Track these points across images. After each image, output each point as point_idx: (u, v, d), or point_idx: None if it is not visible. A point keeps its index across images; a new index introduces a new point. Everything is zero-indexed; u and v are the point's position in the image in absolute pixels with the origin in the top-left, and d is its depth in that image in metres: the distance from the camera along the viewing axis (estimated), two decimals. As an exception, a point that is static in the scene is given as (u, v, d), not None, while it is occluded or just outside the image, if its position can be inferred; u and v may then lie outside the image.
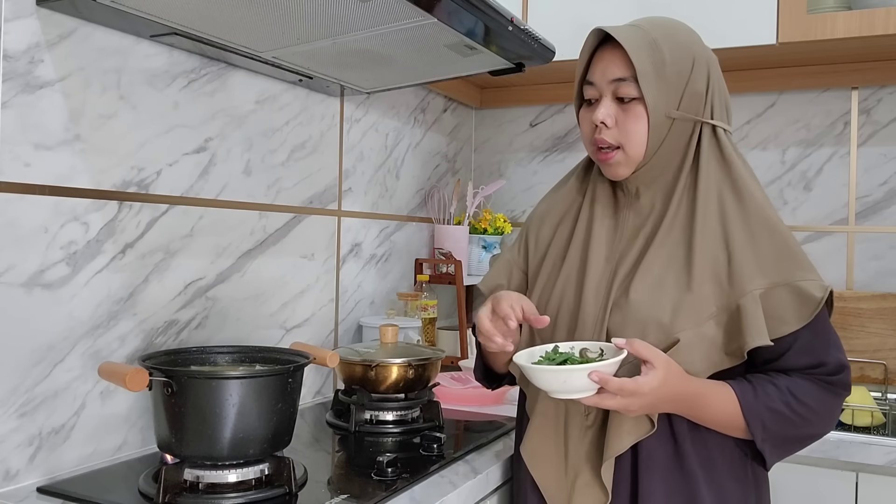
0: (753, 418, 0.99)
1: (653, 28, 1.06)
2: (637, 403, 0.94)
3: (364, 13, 1.10)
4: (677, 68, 1.04)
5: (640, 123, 1.04)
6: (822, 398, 1.01)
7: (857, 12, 1.64)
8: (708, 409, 1.00)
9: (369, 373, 1.39)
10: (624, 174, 1.08)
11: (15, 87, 1.03)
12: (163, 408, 1.01)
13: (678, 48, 1.05)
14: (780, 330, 0.98)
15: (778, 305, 0.98)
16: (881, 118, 1.92)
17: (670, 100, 1.04)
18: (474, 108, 2.39)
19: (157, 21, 1.12)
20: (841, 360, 1.02)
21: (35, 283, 1.06)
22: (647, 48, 1.03)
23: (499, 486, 1.24)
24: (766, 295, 0.98)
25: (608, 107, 1.06)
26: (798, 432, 1.02)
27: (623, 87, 1.04)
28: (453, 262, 1.97)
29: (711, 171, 1.06)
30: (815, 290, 0.98)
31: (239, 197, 1.42)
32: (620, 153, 1.06)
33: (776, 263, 1.00)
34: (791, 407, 0.99)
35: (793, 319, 0.98)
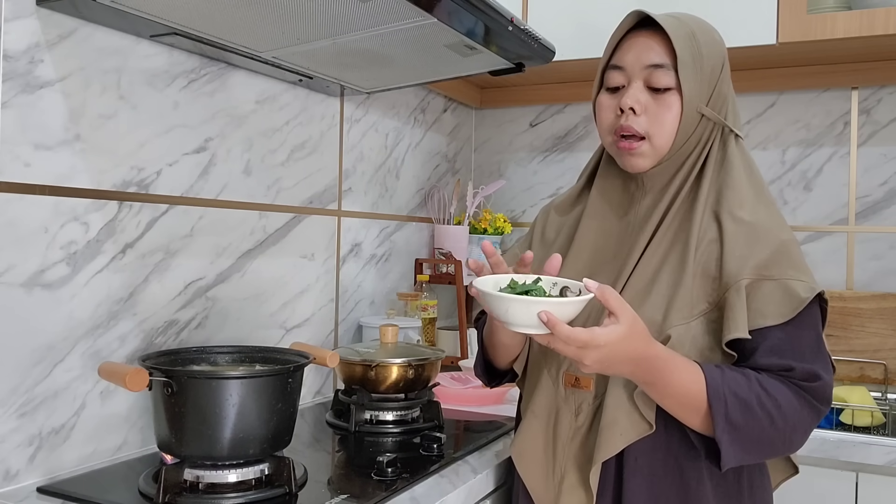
0: (717, 400, 0.92)
1: (690, 21, 1.03)
2: (592, 356, 0.87)
3: (364, 13, 1.10)
4: (711, 64, 1.02)
5: (671, 114, 1.01)
6: (792, 401, 0.94)
7: (857, 12, 1.65)
8: (669, 379, 0.93)
9: (369, 373, 1.39)
10: (645, 167, 1.04)
11: (15, 87, 1.03)
12: (163, 408, 1.01)
13: (713, 45, 1.03)
14: (756, 322, 0.94)
15: (761, 298, 0.95)
16: (881, 118, 1.92)
17: (703, 95, 1.02)
18: (474, 108, 2.39)
19: (157, 21, 1.12)
20: (814, 370, 0.95)
21: (35, 283, 1.06)
22: (687, 38, 1.00)
23: (499, 486, 1.24)
24: (751, 286, 0.95)
25: (640, 92, 1.01)
26: (763, 432, 0.94)
27: (659, 74, 1.00)
28: (453, 262, 1.97)
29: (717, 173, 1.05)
30: (802, 289, 0.95)
31: (239, 197, 1.42)
32: (646, 144, 1.02)
33: (769, 260, 0.97)
34: (760, 399, 0.93)
35: (772, 315, 0.94)
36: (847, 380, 1.83)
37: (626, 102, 1.01)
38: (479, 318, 1.22)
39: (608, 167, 1.13)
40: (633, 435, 0.98)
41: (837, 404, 1.57)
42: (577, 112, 2.26)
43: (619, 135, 1.03)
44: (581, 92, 2.21)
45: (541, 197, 2.31)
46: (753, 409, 0.93)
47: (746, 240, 0.98)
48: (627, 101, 1.01)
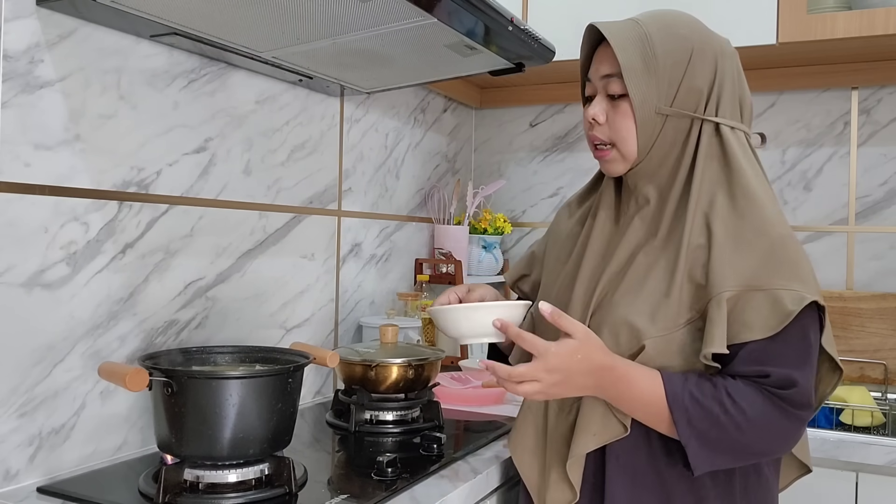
0: (677, 408, 0.93)
1: (650, 21, 1.04)
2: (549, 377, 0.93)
3: (364, 13, 1.10)
4: (671, 61, 1.01)
5: (627, 120, 1.03)
6: (763, 409, 0.93)
7: (857, 12, 1.65)
8: (630, 390, 0.94)
9: (369, 373, 1.39)
10: (619, 171, 1.07)
11: (15, 87, 1.03)
12: (163, 408, 1.01)
13: (673, 40, 1.02)
14: (743, 336, 0.93)
15: (748, 310, 0.93)
16: (881, 118, 1.92)
17: (662, 95, 1.02)
18: (474, 108, 2.39)
19: (157, 21, 1.12)
20: (791, 376, 0.93)
21: (35, 283, 1.06)
22: (636, 42, 1.01)
23: (499, 486, 1.24)
24: (736, 298, 0.93)
25: (600, 104, 1.06)
26: (731, 438, 0.93)
27: (612, 83, 1.04)
28: (453, 262, 1.97)
29: (709, 170, 1.02)
30: (789, 301, 0.92)
31: (239, 197, 1.42)
32: (615, 151, 1.06)
33: (756, 268, 0.94)
34: (723, 406, 0.92)
35: (759, 328, 0.92)
36: (847, 380, 1.83)
37: (589, 114, 1.06)
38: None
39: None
40: (607, 436, 0.99)
41: (837, 404, 1.57)
42: (577, 112, 2.26)
43: (593, 144, 1.09)
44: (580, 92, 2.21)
45: (541, 197, 2.31)
46: (716, 416, 0.93)
47: (735, 245, 0.96)
48: (590, 113, 1.06)
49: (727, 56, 1.05)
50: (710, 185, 1.02)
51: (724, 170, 1.02)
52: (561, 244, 1.18)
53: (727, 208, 0.99)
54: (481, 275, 2.16)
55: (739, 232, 0.97)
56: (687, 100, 1.03)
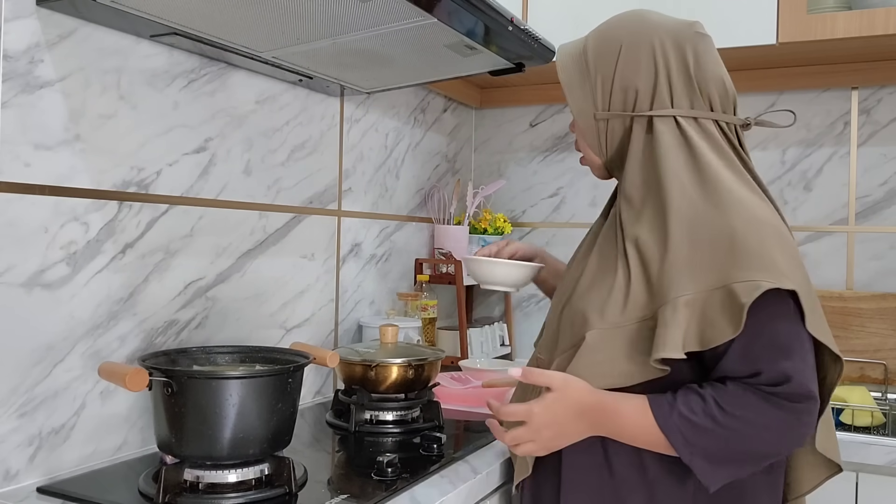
0: (671, 431, 0.92)
1: (594, 31, 1.09)
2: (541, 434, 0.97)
3: (364, 13, 1.10)
4: (600, 63, 1.05)
5: (579, 131, 1.12)
6: (760, 409, 0.90)
7: (857, 12, 1.65)
8: (623, 422, 0.94)
9: (369, 373, 1.39)
10: (600, 176, 1.16)
11: (15, 87, 1.03)
12: (163, 408, 1.01)
13: (603, 43, 1.06)
14: (711, 337, 0.90)
15: (711, 311, 0.90)
16: (881, 118, 1.92)
17: (598, 101, 1.07)
18: (474, 108, 2.39)
19: (157, 21, 1.12)
20: (785, 369, 0.90)
21: (35, 283, 1.06)
22: (576, 57, 1.08)
23: (499, 487, 1.24)
24: (696, 301, 0.91)
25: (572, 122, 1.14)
26: (733, 447, 0.91)
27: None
28: (453, 262, 1.97)
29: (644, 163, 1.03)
30: (743, 293, 0.88)
31: (239, 197, 1.42)
32: (585, 160, 1.16)
33: (711, 264, 0.91)
34: (715, 419, 0.90)
35: (725, 328, 0.89)
36: (847, 380, 1.83)
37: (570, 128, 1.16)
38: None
39: None
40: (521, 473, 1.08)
41: (837, 404, 1.57)
42: (577, 112, 2.26)
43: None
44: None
45: (541, 197, 2.31)
46: (711, 431, 0.91)
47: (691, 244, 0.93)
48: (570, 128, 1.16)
49: (679, 41, 1.02)
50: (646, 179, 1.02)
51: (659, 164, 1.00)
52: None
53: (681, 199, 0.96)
54: (481, 275, 2.16)
55: (693, 225, 0.94)
56: (623, 99, 1.05)
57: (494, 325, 2.16)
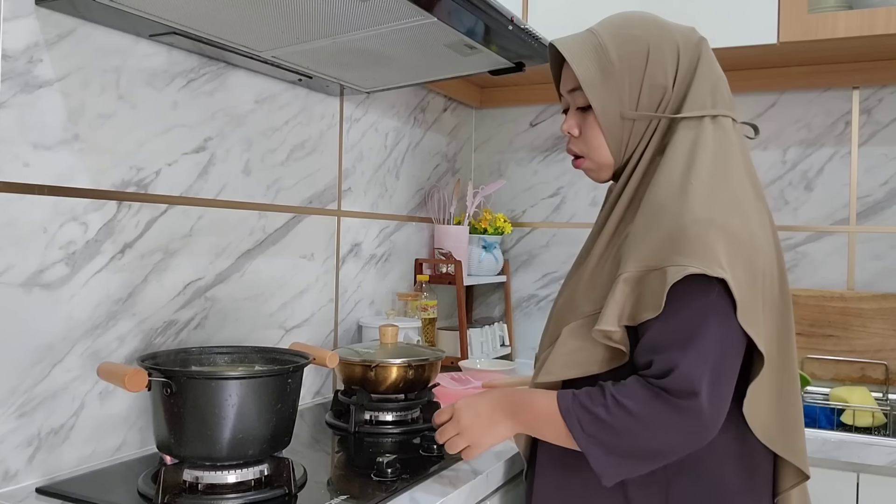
0: (570, 418, 0.94)
1: (605, 28, 1.05)
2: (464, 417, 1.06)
3: (364, 13, 1.10)
4: (629, 65, 1.02)
5: (595, 130, 1.05)
6: (646, 403, 0.90)
7: (857, 12, 1.64)
8: (534, 413, 0.99)
9: (369, 373, 1.39)
10: (603, 178, 1.11)
11: (14, 87, 1.02)
12: (162, 408, 1.01)
13: (628, 43, 1.03)
14: (638, 315, 0.92)
15: (644, 290, 0.92)
16: (882, 118, 1.92)
17: (624, 100, 1.03)
18: (474, 108, 2.38)
19: (156, 20, 1.11)
20: (673, 360, 0.89)
21: (34, 283, 1.06)
22: (592, 52, 1.03)
23: (499, 487, 1.23)
24: (633, 278, 0.93)
25: (572, 117, 1.08)
26: (625, 442, 0.91)
27: (577, 96, 1.06)
28: (453, 262, 1.97)
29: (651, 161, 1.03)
30: (670, 275, 0.88)
31: (238, 197, 1.42)
32: (588, 161, 1.09)
33: (659, 248, 0.92)
34: (609, 410, 0.91)
35: (650, 305, 0.90)
36: (848, 380, 1.83)
37: (563, 128, 1.10)
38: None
39: None
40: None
41: (838, 405, 1.57)
42: (578, 112, 2.26)
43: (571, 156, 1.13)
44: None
45: (541, 197, 2.31)
46: (603, 420, 0.91)
47: (646, 230, 0.95)
48: (564, 127, 1.10)
49: (691, 46, 1.04)
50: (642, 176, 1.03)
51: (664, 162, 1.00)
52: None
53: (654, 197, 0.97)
54: (481, 275, 2.15)
55: (655, 217, 0.95)
56: (651, 99, 1.03)
57: (494, 325, 2.16)
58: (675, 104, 1.03)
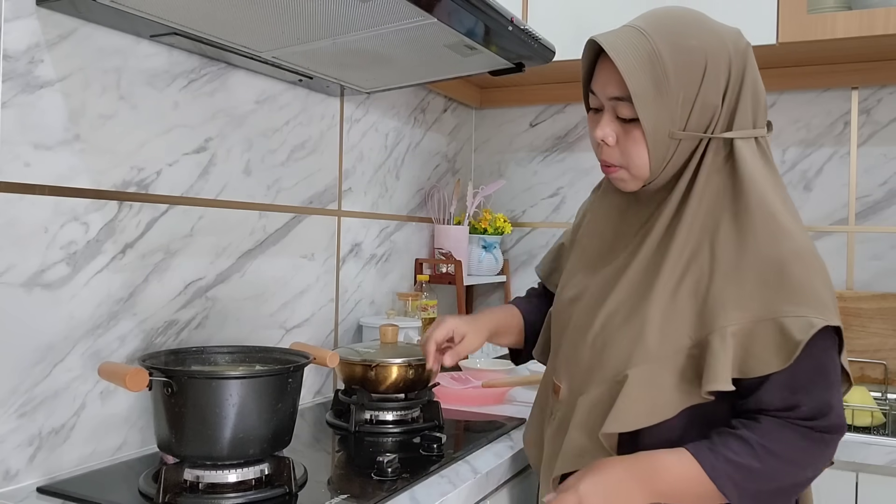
0: (720, 478, 0.90)
1: (658, 32, 0.95)
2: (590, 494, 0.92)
3: (364, 13, 1.10)
4: (684, 80, 0.94)
5: (639, 146, 0.97)
6: (799, 446, 0.90)
7: (857, 12, 1.64)
8: (670, 476, 0.91)
9: (369, 373, 1.39)
10: (633, 188, 1.04)
11: (15, 87, 1.03)
12: (163, 408, 1.01)
13: (686, 55, 0.94)
14: (755, 369, 0.89)
15: (756, 342, 0.89)
16: (881, 118, 1.92)
17: (675, 118, 0.95)
18: (474, 108, 2.39)
19: (157, 21, 1.12)
20: (826, 400, 0.90)
21: (35, 283, 1.06)
22: (646, 62, 0.94)
23: (499, 487, 1.24)
24: (743, 331, 0.89)
25: (609, 125, 0.99)
26: (776, 484, 0.91)
27: (621, 106, 0.97)
28: (453, 262, 1.97)
29: (711, 186, 0.98)
30: (797, 329, 0.87)
31: (239, 197, 1.42)
32: (624, 171, 1.01)
33: (762, 294, 0.90)
34: (760, 459, 0.90)
35: (771, 360, 0.88)
36: (847, 380, 1.83)
37: (598, 135, 1.00)
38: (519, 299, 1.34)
39: None
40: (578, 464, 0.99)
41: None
42: (577, 112, 2.26)
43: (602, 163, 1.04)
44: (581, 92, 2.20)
45: (541, 197, 2.31)
46: (758, 471, 0.90)
47: (738, 272, 0.91)
48: (598, 134, 1.00)
49: (740, 54, 0.98)
50: (714, 202, 0.97)
51: (731, 185, 0.97)
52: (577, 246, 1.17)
53: (732, 231, 0.94)
54: (481, 275, 2.16)
55: (743, 256, 0.92)
56: (700, 119, 0.97)
57: (494, 325, 2.16)
58: (724, 122, 0.98)
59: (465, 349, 1.18)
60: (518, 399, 1.66)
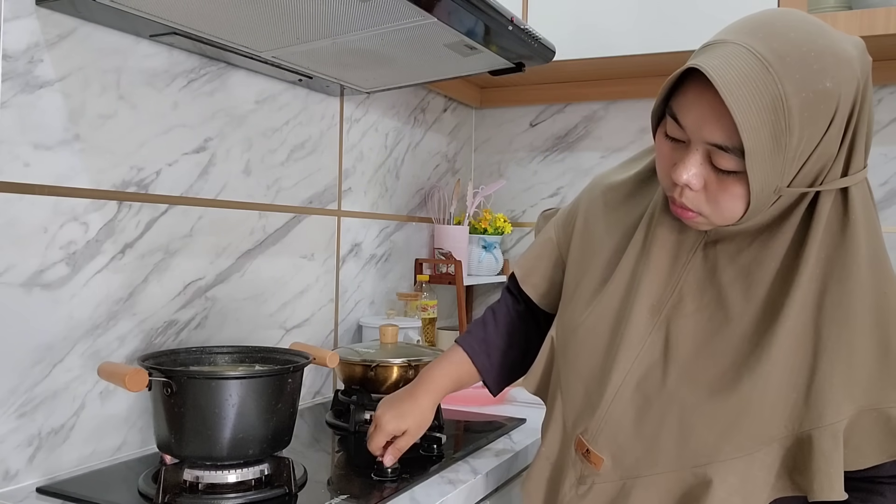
0: None
1: (784, 64, 0.73)
2: None
3: (364, 13, 1.10)
4: (809, 133, 0.75)
5: (736, 201, 0.79)
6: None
7: (857, 12, 1.64)
8: None
9: (369, 373, 1.39)
10: (705, 229, 0.87)
11: (14, 87, 1.02)
12: (162, 408, 1.01)
13: (816, 102, 0.74)
14: (857, 462, 0.79)
15: (860, 433, 0.78)
16: (881, 118, 1.92)
17: (785, 174, 0.77)
18: (474, 108, 2.39)
19: (156, 21, 1.11)
20: None
21: (34, 283, 1.06)
22: (768, 111, 0.73)
23: (499, 487, 1.24)
24: (851, 425, 0.78)
25: (698, 167, 0.79)
26: None
27: (721, 156, 0.77)
28: (453, 262, 1.97)
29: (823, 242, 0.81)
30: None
31: (238, 197, 1.42)
32: (703, 219, 0.83)
33: (870, 381, 0.77)
34: None
35: (873, 453, 0.78)
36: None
37: (681, 177, 0.79)
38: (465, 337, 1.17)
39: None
40: None
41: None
42: (578, 112, 2.26)
43: (677, 205, 0.84)
44: (581, 92, 2.21)
45: (541, 197, 2.31)
46: None
47: (848, 353, 0.78)
48: (682, 177, 0.79)
49: (865, 80, 0.79)
50: (824, 261, 0.81)
51: (842, 247, 0.81)
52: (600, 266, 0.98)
53: (839, 304, 0.79)
54: (481, 275, 2.16)
55: (853, 334, 0.79)
56: (813, 169, 0.79)
57: (494, 325, 2.16)
58: (840, 168, 0.81)
59: (407, 444, 1.10)
60: (518, 399, 1.66)
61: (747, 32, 0.76)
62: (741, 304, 0.83)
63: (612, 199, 1.01)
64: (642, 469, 0.85)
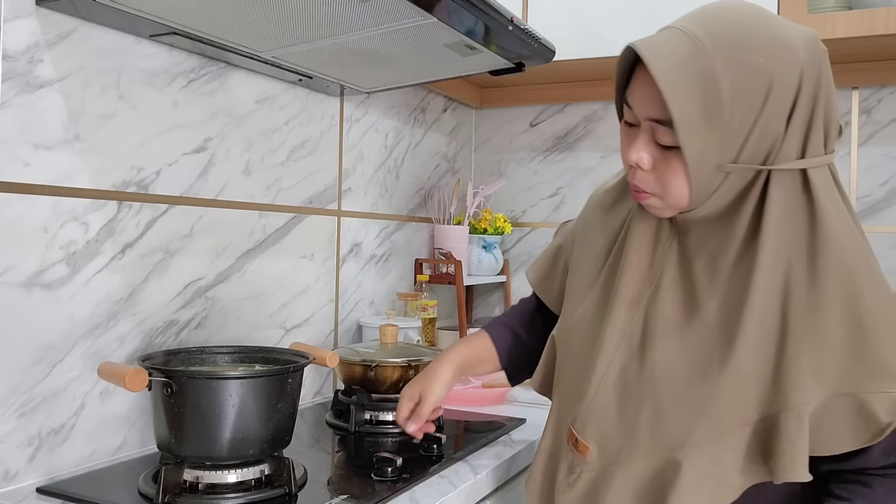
0: None
1: (715, 42, 0.77)
2: None
3: (364, 13, 1.10)
4: (742, 107, 0.78)
5: (678, 177, 0.81)
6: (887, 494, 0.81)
7: (857, 12, 1.64)
8: None
9: (369, 373, 1.39)
10: (666, 215, 0.89)
11: (14, 87, 1.02)
12: (162, 408, 1.01)
13: (747, 76, 0.77)
14: (829, 448, 0.79)
15: (832, 417, 0.78)
16: (882, 118, 1.92)
17: (726, 149, 0.79)
18: (474, 108, 2.39)
19: (156, 21, 1.11)
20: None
21: (34, 283, 1.06)
22: (697, 84, 0.77)
23: (499, 487, 1.24)
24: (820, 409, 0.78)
25: (646, 149, 0.83)
26: None
27: (660, 131, 0.81)
28: (453, 262, 1.97)
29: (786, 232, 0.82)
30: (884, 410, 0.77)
31: (238, 197, 1.42)
32: (657, 200, 0.86)
33: (843, 365, 0.78)
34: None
35: (847, 438, 0.78)
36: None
37: (631, 158, 0.84)
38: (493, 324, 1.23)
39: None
40: None
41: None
42: (577, 112, 2.26)
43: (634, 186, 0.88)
44: (581, 92, 2.21)
45: (541, 197, 2.31)
46: None
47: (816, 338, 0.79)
48: (632, 157, 0.84)
49: (814, 67, 0.82)
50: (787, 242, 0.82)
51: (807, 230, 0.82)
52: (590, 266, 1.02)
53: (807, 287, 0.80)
54: (481, 275, 2.16)
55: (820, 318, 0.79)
56: (758, 148, 0.81)
57: (494, 325, 2.16)
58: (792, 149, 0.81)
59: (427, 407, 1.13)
60: (518, 399, 1.66)
61: (690, 19, 0.81)
62: (709, 291, 0.85)
63: (605, 202, 1.05)
64: (622, 456, 0.87)
